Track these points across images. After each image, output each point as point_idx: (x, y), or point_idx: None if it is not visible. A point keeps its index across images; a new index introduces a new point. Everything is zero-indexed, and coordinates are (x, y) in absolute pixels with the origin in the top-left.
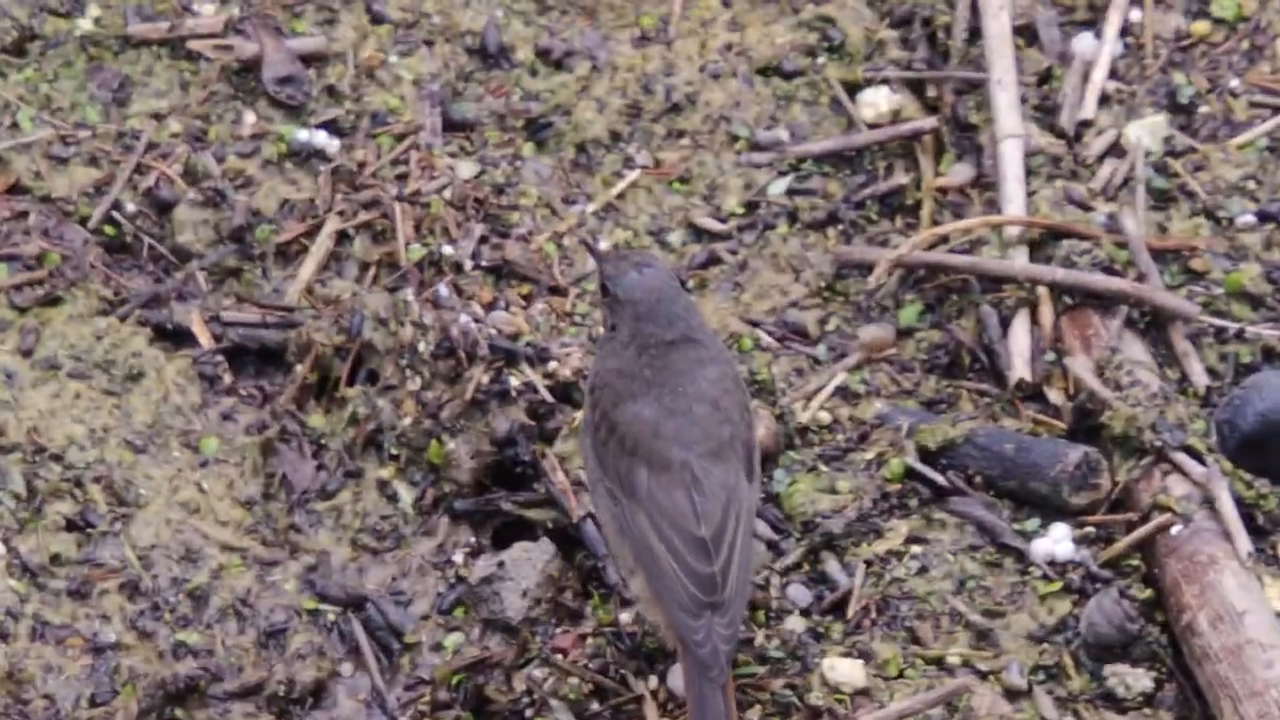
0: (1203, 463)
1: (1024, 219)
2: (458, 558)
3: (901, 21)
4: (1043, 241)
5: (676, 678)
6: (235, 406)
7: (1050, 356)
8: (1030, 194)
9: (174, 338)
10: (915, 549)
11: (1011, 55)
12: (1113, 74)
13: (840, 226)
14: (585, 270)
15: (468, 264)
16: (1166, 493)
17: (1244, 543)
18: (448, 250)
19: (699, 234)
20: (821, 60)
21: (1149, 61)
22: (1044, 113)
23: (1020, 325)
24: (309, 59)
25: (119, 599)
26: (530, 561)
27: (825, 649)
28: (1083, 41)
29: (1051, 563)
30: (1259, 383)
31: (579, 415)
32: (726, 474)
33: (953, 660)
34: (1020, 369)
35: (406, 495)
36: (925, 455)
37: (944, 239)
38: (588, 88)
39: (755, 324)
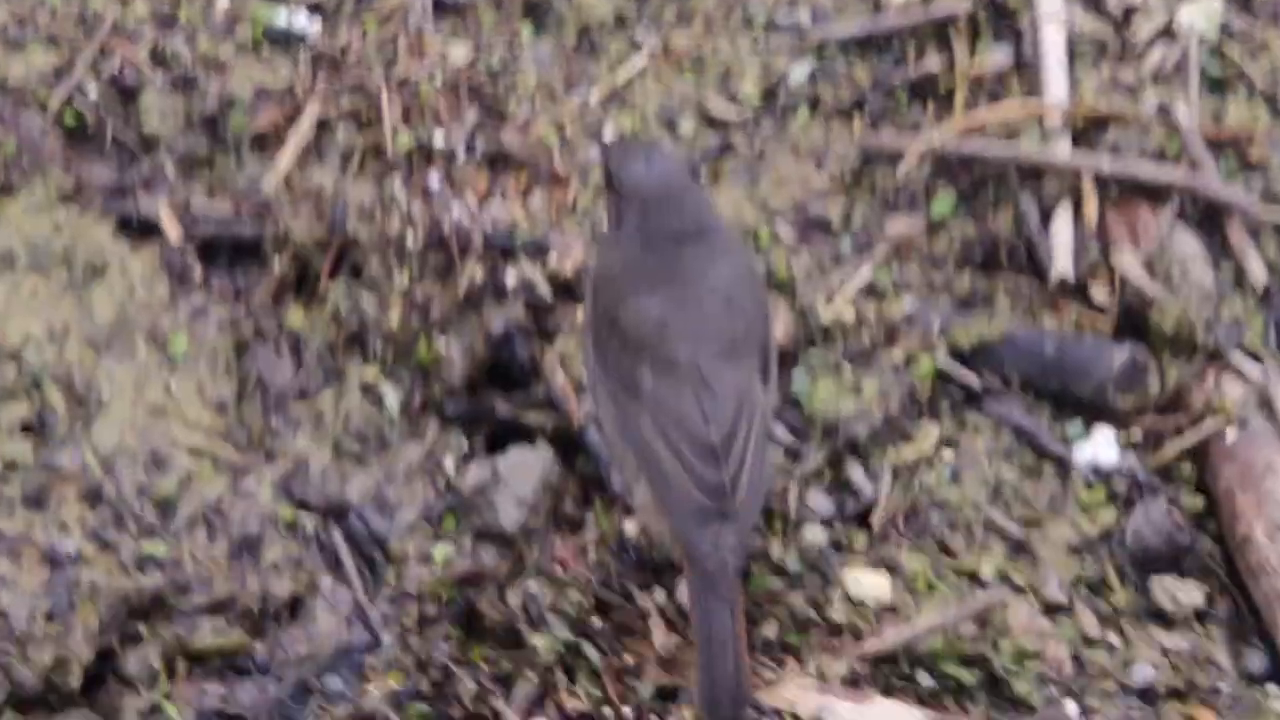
0: (1260, 362)
1: (1068, 105)
2: (448, 464)
3: None
4: (1087, 130)
5: (686, 592)
6: (207, 303)
7: (1094, 251)
8: (1074, 81)
9: (140, 230)
10: (946, 454)
11: None
12: None
13: (866, 114)
14: (588, 158)
15: (460, 153)
16: (1221, 395)
17: None
18: (438, 138)
19: (712, 123)
20: None
21: None
22: None
23: (1062, 218)
24: None
25: (79, 507)
26: (527, 468)
27: (848, 561)
28: None
29: (1095, 469)
30: None
31: (581, 312)
32: (739, 375)
33: (986, 573)
34: (1062, 264)
35: (393, 397)
36: (958, 355)
37: (979, 128)
38: None
39: (774, 217)
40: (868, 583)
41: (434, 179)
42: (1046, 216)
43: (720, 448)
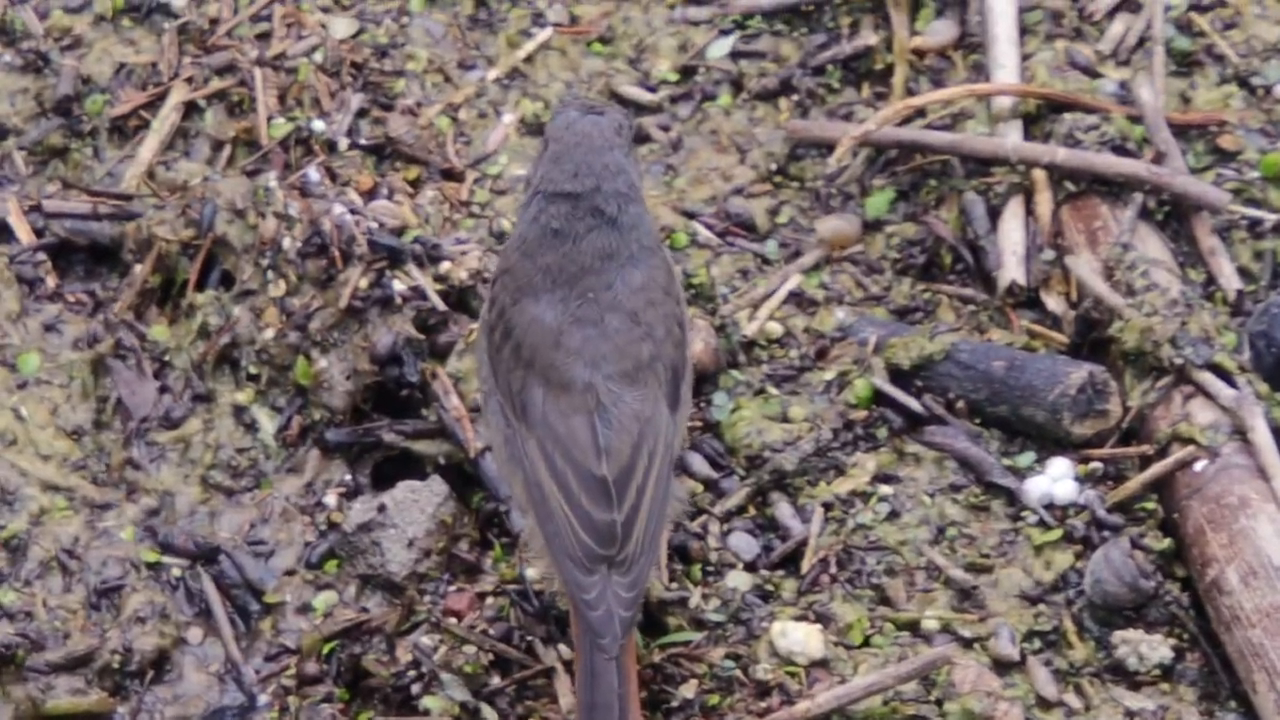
0: (1233, 384)
1: (1018, 87)
2: (330, 500)
3: None
4: (1040, 115)
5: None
6: (60, 315)
7: (1049, 255)
8: (1025, 57)
9: None
10: (884, 489)
11: None
12: None
13: (795, 97)
14: (486, 149)
15: (343, 142)
16: (1189, 421)
17: None
18: (318, 125)
19: (624, 105)
20: None
21: None
22: None
23: (1012, 217)
24: None
25: None
26: (418, 505)
27: (775, 611)
28: None
29: (1049, 506)
30: None
31: (475, 326)
32: (642, 402)
33: (930, 625)
34: (1012, 270)
35: (268, 424)
36: (897, 375)
37: (920, 112)
38: None
39: (691, 215)
40: (797, 636)
41: (313, 173)
42: (995, 215)
43: (614, 484)
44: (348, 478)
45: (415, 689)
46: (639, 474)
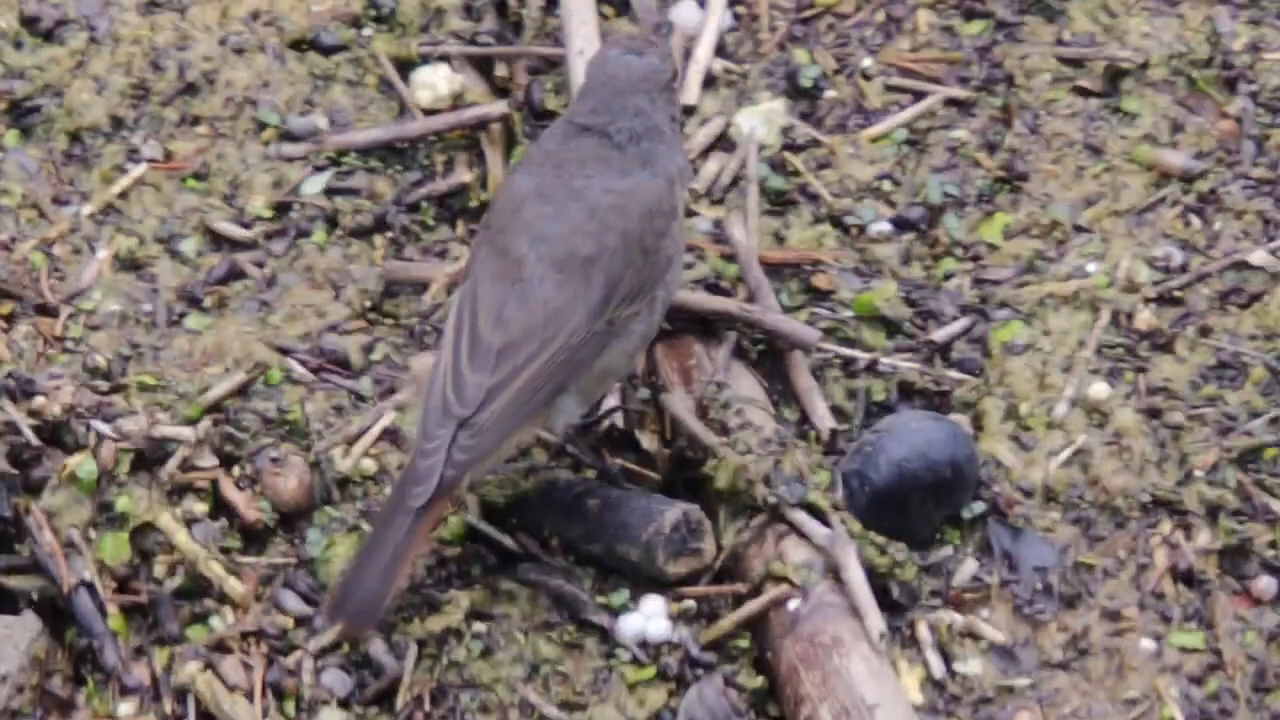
0: (826, 523)
1: None
2: None
3: None
4: None
5: None
6: None
7: (643, 393)
8: None
9: None
10: (478, 626)
11: (596, 25)
12: (720, 50)
13: (390, 234)
14: (80, 285)
15: None
16: (782, 560)
17: (876, 621)
18: None
19: (218, 241)
20: (368, 32)
21: (764, 36)
22: None
23: None
24: None
25: None
26: (11, 640)
27: None
28: (684, 10)
29: (643, 644)
30: (894, 426)
31: (71, 461)
32: (561, 294)
33: None
34: (606, 406)
35: None
36: (490, 512)
37: None
38: (84, 64)
39: (286, 351)
40: None
41: None
42: None
43: (497, 353)
44: None
45: None
46: (523, 354)
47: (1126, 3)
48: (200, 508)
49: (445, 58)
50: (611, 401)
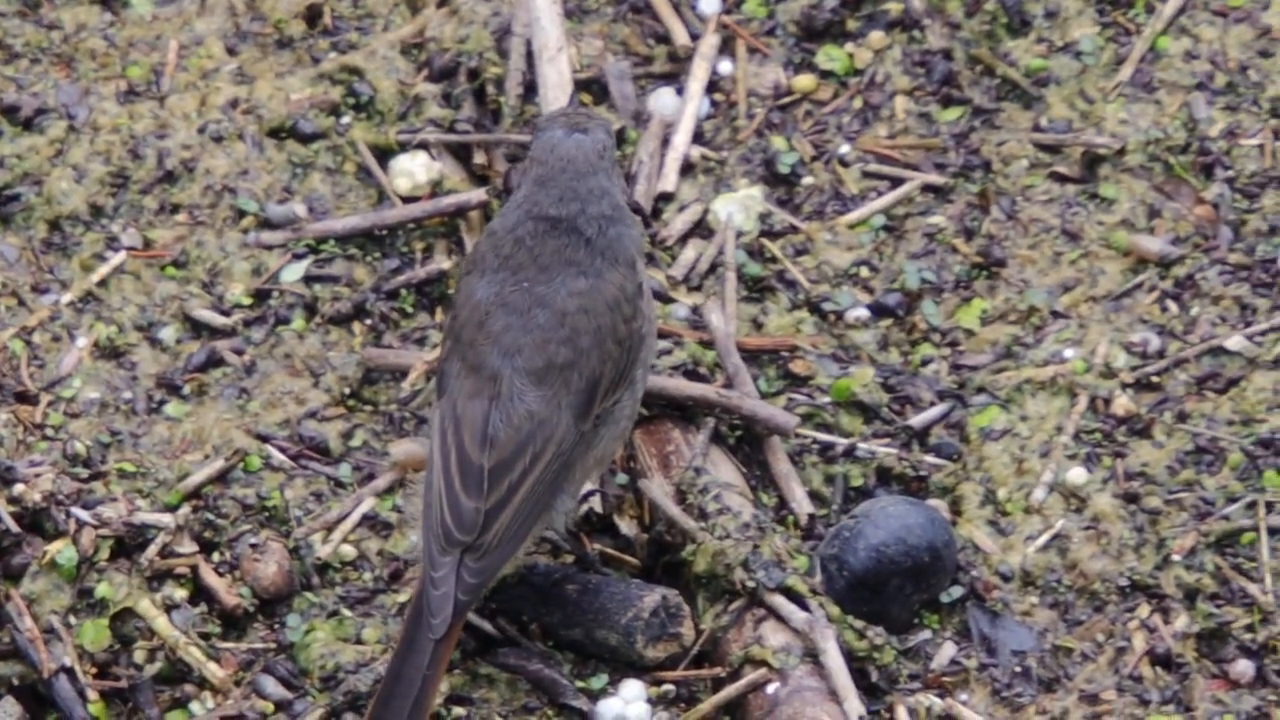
0: (805, 607)
1: None
2: None
3: (443, 74)
4: None
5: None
6: None
7: (621, 479)
8: None
9: None
10: (458, 711)
11: None
12: (698, 137)
13: (368, 321)
14: (60, 373)
15: None
16: (761, 643)
17: (855, 705)
18: None
19: (197, 329)
20: (346, 120)
21: (742, 123)
22: None
23: None
24: None
25: None
26: None
27: None
28: (662, 98)
29: None
30: (872, 511)
31: (51, 548)
32: (543, 404)
33: None
34: (584, 490)
35: None
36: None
37: None
38: (63, 152)
39: (265, 438)
40: None
41: None
42: None
43: (489, 474)
44: None
45: None
46: (516, 471)
47: (1103, 89)
48: (180, 593)
49: (424, 145)
50: (589, 485)
